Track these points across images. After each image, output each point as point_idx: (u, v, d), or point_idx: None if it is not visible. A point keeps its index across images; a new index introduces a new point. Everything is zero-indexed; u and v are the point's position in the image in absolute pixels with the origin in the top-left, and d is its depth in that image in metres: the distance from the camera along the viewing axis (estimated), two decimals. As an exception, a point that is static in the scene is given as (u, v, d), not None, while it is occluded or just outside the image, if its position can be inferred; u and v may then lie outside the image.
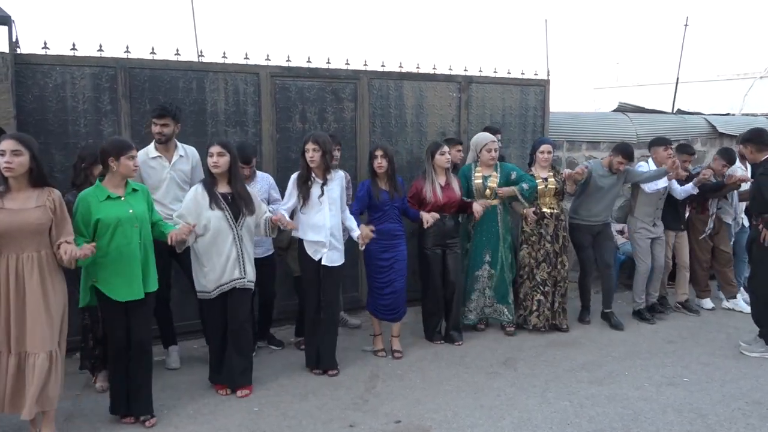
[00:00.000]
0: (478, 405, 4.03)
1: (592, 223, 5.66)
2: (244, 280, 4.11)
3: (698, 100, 12.34)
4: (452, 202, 5.01)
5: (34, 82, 4.63)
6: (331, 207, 4.40)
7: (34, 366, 3.28)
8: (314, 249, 4.40)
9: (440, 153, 4.97)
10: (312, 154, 4.33)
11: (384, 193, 4.74)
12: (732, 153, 6.11)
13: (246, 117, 5.33)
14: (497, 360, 4.83)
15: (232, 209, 4.05)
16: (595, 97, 17.17)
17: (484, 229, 5.31)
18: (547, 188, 5.40)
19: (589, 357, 4.90)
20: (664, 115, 8.27)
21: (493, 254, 5.32)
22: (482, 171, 5.29)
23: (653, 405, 4.04)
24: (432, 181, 4.97)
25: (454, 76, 6.22)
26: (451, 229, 5.10)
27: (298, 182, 4.40)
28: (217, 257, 4.03)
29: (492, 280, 5.35)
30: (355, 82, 5.73)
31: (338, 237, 4.47)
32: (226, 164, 4.03)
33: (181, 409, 3.96)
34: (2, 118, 4.43)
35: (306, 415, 3.88)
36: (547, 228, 5.42)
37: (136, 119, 4.86)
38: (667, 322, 5.81)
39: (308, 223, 4.38)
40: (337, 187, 4.46)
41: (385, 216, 4.76)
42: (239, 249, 4.07)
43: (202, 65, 5.18)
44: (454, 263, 5.13)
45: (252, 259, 4.19)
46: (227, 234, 4.03)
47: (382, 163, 4.69)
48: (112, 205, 3.56)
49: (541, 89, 6.69)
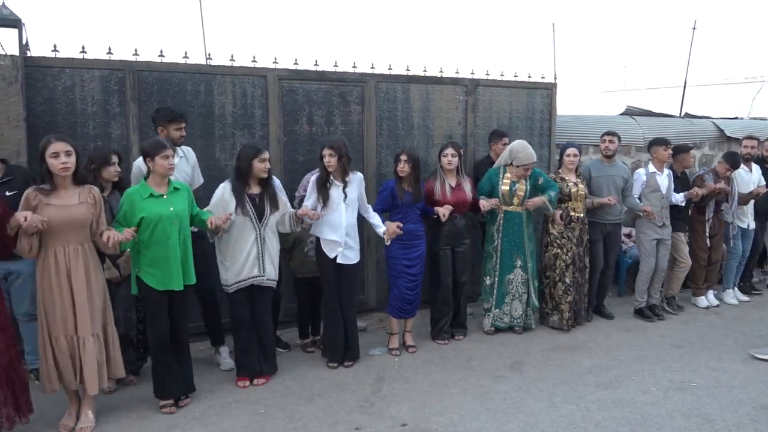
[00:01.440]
0: (484, 408, 4.02)
1: (604, 221, 5.79)
2: (263, 278, 4.28)
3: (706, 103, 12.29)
4: (462, 203, 5.10)
5: (43, 84, 4.66)
6: (347, 208, 4.55)
7: (85, 347, 3.60)
8: (330, 247, 4.56)
9: (443, 155, 5.09)
10: (329, 159, 4.48)
11: (408, 195, 4.87)
12: (736, 157, 6.14)
13: (253, 120, 5.35)
14: (504, 363, 4.82)
15: (257, 210, 4.23)
16: (602, 100, 17.14)
17: (511, 234, 5.35)
18: (578, 193, 5.52)
19: (596, 361, 4.89)
20: (671, 119, 8.24)
21: (523, 259, 5.39)
22: (511, 177, 5.32)
23: (661, 410, 4.02)
24: (443, 181, 5.09)
25: (461, 79, 6.22)
26: (463, 230, 5.20)
27: (318, 185, 4.53)
28: (238, 254, 4.21)
29: (526, 286, 5.45)
30: (362, 85, 5.74)
31: (354, 236, 4.64)
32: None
33: (188, 411, 3.97)
34: (12, 120, 4.47)
35: (312, 418, 3.89)
36: (574, 231, 5.53)
37: (144, 122, 4.88)
38: (674, 326, 5.78)
39: (325, 222, 4.53)
40: (356, 189, 4.61)
41: (407, 217, 4.88)
42: (260, 248, 4.25)
43: (210, 68, 5.20)
44: (462, 263, 5.25)
45: (275, 258, 4.36)
46: (250, 233, 4.22)
47: (404, 168, 4.81)
48: (155, 202, 3.82)
49: (548, 92, 6.68)
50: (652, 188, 5.87)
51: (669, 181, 5.92)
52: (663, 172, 5.93)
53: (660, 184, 5.87)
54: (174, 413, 3.93)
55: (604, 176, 5.79)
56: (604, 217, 5.78)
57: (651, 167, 5.96)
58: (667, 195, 5.89)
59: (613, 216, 5.81)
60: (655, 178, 5.88)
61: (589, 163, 6.02)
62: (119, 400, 4.10)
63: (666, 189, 5.88)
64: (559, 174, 5.62)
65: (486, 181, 5.35)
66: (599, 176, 5.80)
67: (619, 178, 5.82)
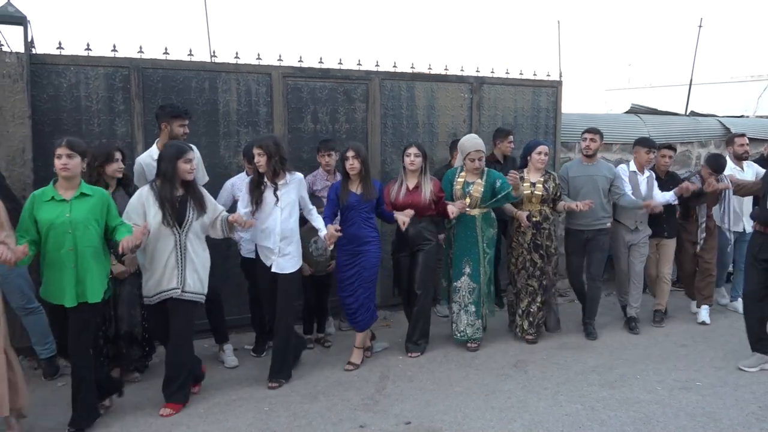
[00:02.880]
0: (488, 407, 4.02)
1: (580, 229, 5.34)
2: (178, 290, 3.83)
3: (712, 102, 12.23)
4: (413, 206, 4.72)
5: (48, 81, 4.67)
6: (283, 211, 4.23)
7: None
8: (265, 255, 4.30)
9: (405, 154, 4.80)
10: (257, 158, 4.17)
11: (353, 196, 4.53)
12: (720, 160, 5.67)
13: (258, 117, 5.35)
14: (508, 362, 4.81)
15: (175, 213, 3.81)
16: (607, 98, 17.07)
17: (463, 239, 4.96)
18: (534, 194, 5.07)
19: (601, 360, 4.87)
20: (677, 117, 8.21)
21: (473, 266, 4.97)
22: (466, 177, 4.98)
23: (665, 409, 4.01)
24: (401, 182, 4.83)
25: (465, 76, 6.21)
26: (417, 235, 4.80)
27: (250, 187, 4.26)
28: (156, 263, 3.82)
29: (473, 295, 4.98)
30: (366, 83, 5.73)
31: (292, 243, 4.29)
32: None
33: (192, 409, 3.97)
34: (17, 117, 4.48)
35: (316, 416, 3.89)
36: (524, 236, 5.11)
37: (149, 119, 4.89)
38: (679, 325, 5.76)
39: (260, 227, 4.25)
40: (293, 191, 4.27)
41: (353, 220, 4.55)
42: (180, 257, 3.83)
43: (214, 65, 5.20)
44: (422, 271, 4.85)
45: (200, 268, 3.93)
46: (168, 240, 3.81)
47: (353, 164, 4.48)
48: (52, 207, 3.46)
49: (553, 90, 6.66)
50: (633, 188, 5.47)
51: (649, 183, 5.53)
52: (643, 173, 5.56)
53: (640, 185, 5.50)
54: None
55: (584, 177, 5.31)
56: (581, 224, 5.30)
57: (632, 166, 5.60)
58: (646, 197, 5.45)
59: (592, 221, 5.27)
60: (636, 178, 5.53)
61: (567, 163, 5.65)
62: (123, 398, 4.09)
63: (645, 191, 5.49)
64: (521, 173, 5.13)
65: (446, 183, 5.00)
66: (578, 177, 5.32)
67: (601, 179, 5.30)
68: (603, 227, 5.34)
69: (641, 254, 5.58)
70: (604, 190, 5.31)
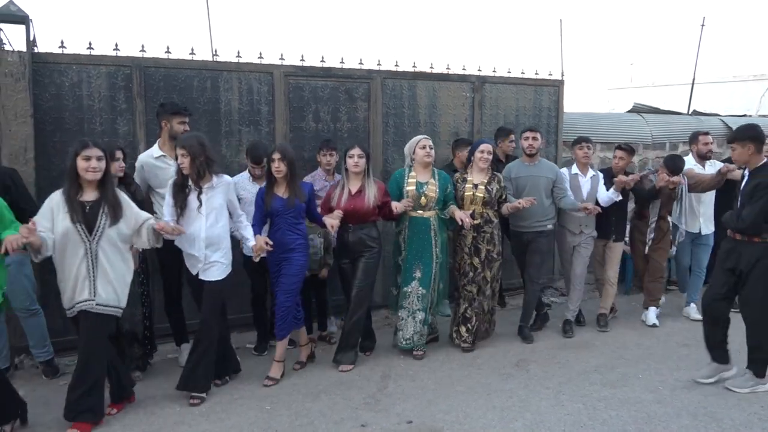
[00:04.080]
0: (490, 406, 4.02)
1: (521, 230, 5.24)
2: (92, 303, 3.56)
3: (714, 101, 12.22)
4: (357, 211, 4.54)
5: (50, 80, 4.67)
6: (209, 217, 3.98)
7: None
8: (191, 262, 4.06)
9: (348, 156, 4.56)
10: (181, 159, 3.93)
11: (278, 200, 4.27)
12: (677, 161, 5.46)
13: (260, 116, 5.35)
14: (509, 361, 4.81)
15: (86, 219, 3.52)
16: (609, 97, 17.07)
17: (416, 242, 4.76)
18: (476, 196, 4.88)
19: (602, 359, 4.87)
20: (679, 116, 8.21)
21: (424, 271, 4.76)
22: (417, 176, 4.78)
23: (667, 408, 4.00)
24: (342, 186, 4.61)
25: (467, 76, 6.20)
26: (358, 242, 4.61)
27: (174, 190, 3.98)
28: (67, 273, 3.55)
29: (422, 302, 4.77)
30: (368, 82, 5.73)
31: (221, 250, 4.06)
32: (102, 170, 3.55)
33: (193, 408, 3.97)
34: (20, 116, 4.48)
35: (318, 415, 3.89)
36: (465, 239, 4.93)
37: (150, 118, 4.89)
38: (681, 324, 5.75)
39: (185, 235, 3.96)
40: (220, 195, 4.02)
41: (279, 225, 4.31)
42: (90, 266, 3.54)
43: (216, 64, 5.20)
44: (362, 277, 4.63)
45: (115, 279, 3.63)
46: (78, 248, 3.52)
47: (279, 167, 4.21)
48: None
49: (555, 89, 6.66)
50: (574, 191, 5.33)
51: (593, 184, 5.39)
52: (587, 174, 5.42)
53: (582, 187, 5.38)
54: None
55: (526, 177, 5.18)
56: (524, 225, 5.18)
57: (574, 168, 5.47)
58: (588, 200, 5.31)
59: (533, 223, 5.15)
60: (578, 180, 5.40)
61: (510, 164, 5.43)
62: (125, 396, 4.10)
63: (587, 193, 5.37)
64: (463, 174, 5.01)
65: (392, 183, 4.82)
66: (520, 177, 5.19)
67: (543, 179, 5.18)
68: (543, 229, 5.21)
69: (583, 257, 5.47)
70: (546, 190, 5.20)
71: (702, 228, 5.83)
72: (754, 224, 4.05)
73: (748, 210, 4.09)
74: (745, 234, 4.14)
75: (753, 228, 4.07)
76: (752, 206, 4.06)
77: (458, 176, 5.05)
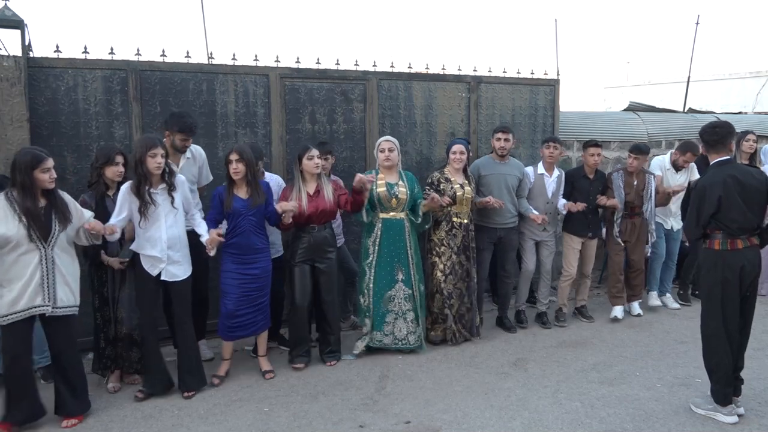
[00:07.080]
0: (488, 405, 4.02)
1: (494, 226, 5.29)
2: (48, 308, 3.58)
3: (710, 98, 12.26)
4: (322, 212, 4.55)
5: (46, 85, 4.68)
6: (167, 218, 3.99)
7: None
8: (151, 264, 4.01)
9: (308, 157, 4.51)
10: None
11: (239, 201, 4.26)
12: (642, 147, 5.65)
13: (256, 118, 5.36)
14: (507, 360, 4.82)
15: (39, 226, 3.53)
16: (605, 96, 17.11)
17: (391, 245, 4.78)
18: (464, 196, 4.99)
19: (600, 357, 4.88)
20: (675, 114, 8.22)
21: (405, 272, 4.82)
22: (386, 178, 4.81)
23: (665, 406, 4.02)
24: (299, 189, 4.54)
25: (463, 76, 6.22)
26: (324, 242, 4.62)
27: (132, 192, 3.91)
28: (16, 281, 3.51)
29: (411, 302, 4.84)
30: (364, 83, 5.74)
31: (180, 249, 4.08)
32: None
33: (192, 409, 3.98)
34: (15, 120, 4.49)
35: (316, 416, 3.89)
36: (455, 239, 5.03)
37: (147, 121, 4.90)
38: (679, 322, 5.77)
39: (144, 236, 3.97)
40: (178, 194, 4.05)
41: (242, 227, 4.29)
42: (46, 272, 3.56)
43: (212, 67, 5.21)
44: (327, 279, 4.66)
45: (71, 280, 3.69)
46: (32, 255, 3.53)
47: (237, 168, 4.21)
48: None
49: (550, 89, 6.67)
50: (539, 191, 5.47)
51: (558, 184, 5.50)
52: (552, 174, 5.51)
53: (547, 187, 5.48)
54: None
55: (495, 175, 5.26)
56: (494, 221, 5.27)
57: (540, 168, 5.52)
58: (553, 200, 5.49)
59: (505, 219, 5.28)
60: (543, 180, 5.48)
61: (478, 161, 5.49)
62: (124, 399, 4.11)
63: (552, 193, 5.48)
64: (444, 174, 5.05)
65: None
66: (489, 175, 5.26)
67: (512, 177, 5.29)
68: (513, 225, 5.41)
69: (550, 251, 5.62)
70: (514, 187, 5.36)
71: (674, 224, 6.15)
72: (688, 231, 3.94)
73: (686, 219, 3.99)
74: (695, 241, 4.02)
75: (692, 235, 3.91)
76: (688, 214, 3.92)
77: (437, 176, 5.07)
